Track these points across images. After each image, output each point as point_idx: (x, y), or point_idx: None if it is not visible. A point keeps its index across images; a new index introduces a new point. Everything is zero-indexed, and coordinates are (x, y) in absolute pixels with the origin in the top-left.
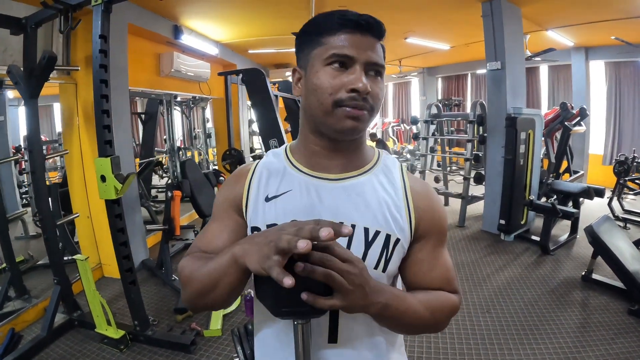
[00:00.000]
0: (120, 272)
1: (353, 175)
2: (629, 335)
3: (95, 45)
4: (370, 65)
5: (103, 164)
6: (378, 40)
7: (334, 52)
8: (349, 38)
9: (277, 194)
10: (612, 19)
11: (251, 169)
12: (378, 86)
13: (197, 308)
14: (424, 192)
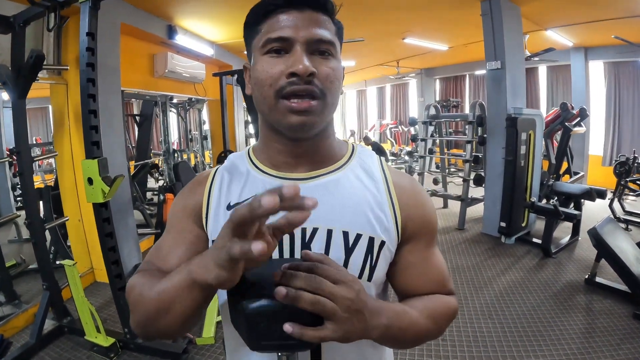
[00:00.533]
0: (109, 277)
1: (324, 172)
2: (635, 340)
3: (83, 43)
4: (313, 43)
5: (90, 166)
6: (322, 13)
7: (268, 36)
8: (283, 18)
9: (239, 201)
10: (613, 18)
11: (210, 174)
12: (329, 65)
13: (148, 335)
14: (410, 187)
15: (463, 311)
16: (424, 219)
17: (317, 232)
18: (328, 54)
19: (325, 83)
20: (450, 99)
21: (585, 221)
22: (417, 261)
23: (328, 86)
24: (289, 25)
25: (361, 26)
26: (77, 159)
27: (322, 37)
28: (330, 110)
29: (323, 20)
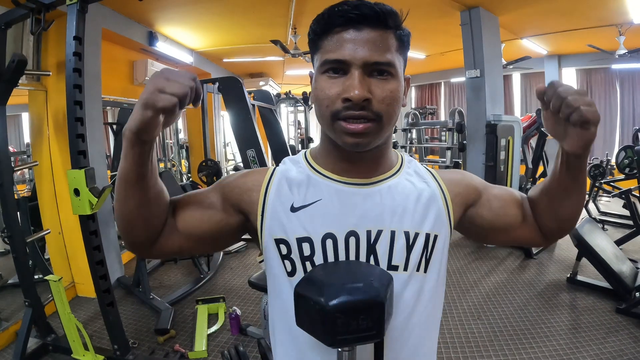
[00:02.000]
0: (97, 293)
1: (383, 178)
2: (619, 333)
3: (69, 47)
4: (370, 65)
5: (76, 176)
6: (383, 30)
7: (326, 58)
8: (342, 37)
9: (305, 204)
10: (586, 27)
11: (268, 175)
12: (387, 88)
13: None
14: (452, 173)
15: (452, 313)
16: (467, 185)
17: (382, 234)
18: (387, 74)
19: (381, 106)
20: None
21: None
22: (489, 207)
23: (384, 109)
24: (346, 47)
25: None
26: (57, 169)
27: (378, 60)
28: (387, 129)
29: (383, 38)
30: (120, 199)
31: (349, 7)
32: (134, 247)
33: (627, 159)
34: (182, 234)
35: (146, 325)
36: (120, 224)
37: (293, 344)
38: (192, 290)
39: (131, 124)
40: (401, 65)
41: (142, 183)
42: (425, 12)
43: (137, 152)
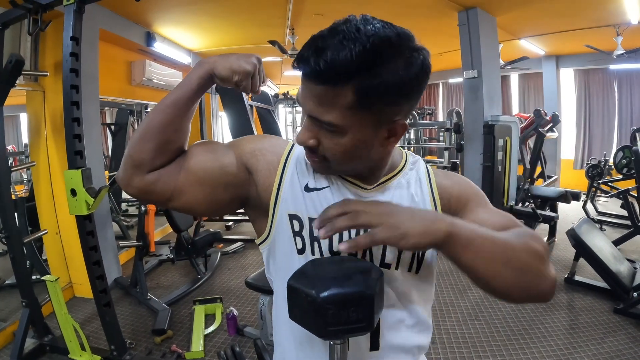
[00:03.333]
0: (94, 293)
1: (382, 181)
2: (617, 333)
3: (66, 48)
4: (313, 118)
5: (73, 176)
6: (331, 86)
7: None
8: (302, 80)
9: (317, 187)
10: (583, 27)
11: (288, 147)
12: (332, 141)
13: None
14: (444, 176)
15: (450, 314)
16: (460, 191)
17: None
18: (331, 131)
19: (329, 154)
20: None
21: (559, 223)
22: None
23: (333, 157)
24: (302, 94)
25: None
26: (54, 169)
27: (318, 117)
28: (354, 165)
29: (329, 94)
30: (155, 113)
31: (299, 54)
32: (133, 166)
33: (625, 159)
34: (185, 171)
35: (143, 325)
36: (136, 135)
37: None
38: (190, 291)
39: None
40: (360, 121)
41: (182, 108)
42: (422, 12)
43: (201, 84)
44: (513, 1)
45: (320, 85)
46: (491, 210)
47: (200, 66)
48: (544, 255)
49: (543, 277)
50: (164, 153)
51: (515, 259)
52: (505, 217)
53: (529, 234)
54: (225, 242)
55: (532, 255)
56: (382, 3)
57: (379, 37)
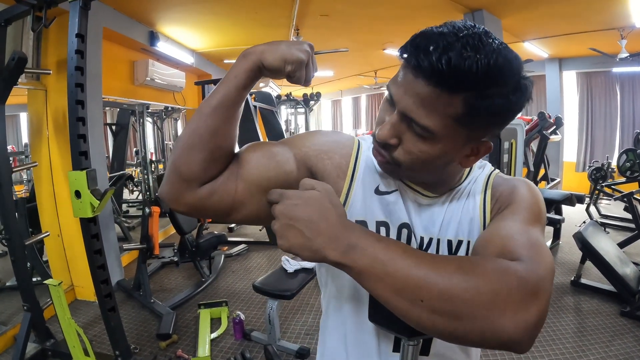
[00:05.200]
0: (99, 298)
1: (443, 193)
2: (624, 336)
3: (72, 45)
4: (407, 118)
5: (78, 177)
6: (442, 89)
7: (388, 84)
8: (404, 72)
9: (388, 190)
10: (587, 30)
11: (355, 146)
12: (417, 145)
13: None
14: (503, 179)
15: None
16: (507, 194)
17: (432, 242)
18: (421, 136)
19: (405, 157)
20: None
21: (563, 226)
22: (486, 232)
23: (408, 162)
24: (399, 86)
25: (343, 36)
26: (56, 170)
27: (414, 119)
28: (422, 174)
29: (436, 98)
30: (201, 117)
31: (415, 43)
32: (182, 181)
33: (628, 162)
34: (243, 181)
35: (147, 330)
36: (182, 145)
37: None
38: (194, 294)
39: (266, 56)
40: (455, 134)
41: (231, 109)
42: (428, 14)
43: (249, 77)
44: (519, 3)
45: (432, 86)
46: (517, 225)
47: (245, 57)
48: (504, 303)
49: (484, 328)
50: (217, 162)
51: (433, 300)
52: (514, 242)
53: (502, 271)
54: (229, 245)
55: (477, 301)
56: (388, 4)
57: (503, 57)
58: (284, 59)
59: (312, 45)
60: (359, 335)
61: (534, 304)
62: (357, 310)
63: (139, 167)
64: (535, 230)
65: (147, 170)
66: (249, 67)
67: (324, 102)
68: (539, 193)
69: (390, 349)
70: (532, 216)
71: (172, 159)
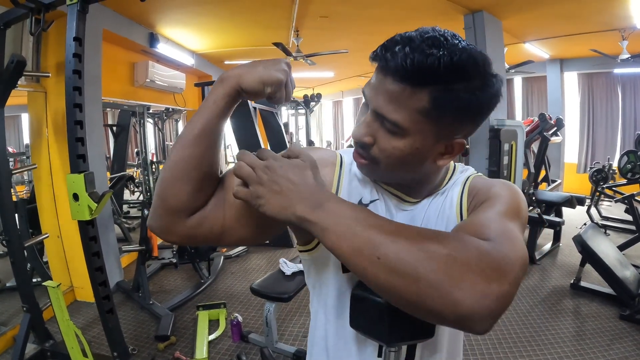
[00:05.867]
0: (96, 299)
1: (425, 198)
2: (624, 340)
3: (69, 48)
4: (378, 115)
5: (76, 180)
6: (408, 85)
7: (364, 87)
8: (375, 74)
9: (371, 199)
10: (588, 31)
11: (338, 160)
12: (390, 143)
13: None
14: (482, 178)
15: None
16: (484, 190)
17: None
18: (392, 132)
19: (381, 155)
20: None
21: (563, 228)
22: (462, 221)
23: (384, 160)
24: (371, 89)
25: (343, 37)
26: (55, 172)
27: (384, 115)
28: (400, 173)
29: (403, 94)
30: (183, 147)
31: (384, 46)
32: (170, 213)
33: (629, 164)
34: (230, 206)
35: (146, 331)
36: (167, 176)
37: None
38: (193, 296)
39: (243, 79)
40: (423, 128)
41: (212, 137)
42: (428, 15)
43: (228, 103)
44: (519, 5)
45: (398, 82)
46: (492, 215)
47: (222, 82)
48: (462, 272)
49: (441, 292)
50: (204, 191)
51: (391, 259)
52: (486, 228)
53: (464, 243)
54: (229, 246)
55: (433, 264)
56: (388, 6)
57: (467, 54)
58: (262, 82)
59: (289, 63)
60: (339, 342)
61: (495, 280)
62: (339, 317)
63: (140, 168)
64: (512, 224)
65: (147, 171)
66: (227, 92)
67: (325, 102)
68: (519, 192)
69: (370, 356)
70: (510, 210)
71: (157, 191)
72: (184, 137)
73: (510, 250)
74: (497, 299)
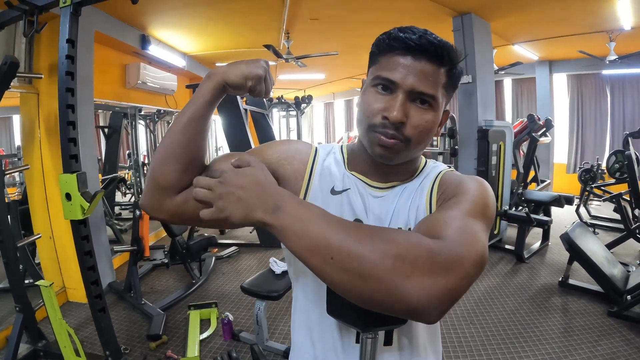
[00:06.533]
0: (89, 298)
1: (398, 184)
2: (611, 336)
3: (62, 50)
4: (415, 93)
5: (68, 180)
6: (437, 65)
7: (379, 74)
8: (398, 60)
9: (342, 189)
10: (577, 33)
11: (313, 151)
12: (423, 117)
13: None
14: (454, 174)
15: (444, 319)
16: (453, 186)
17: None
18: (428, 105)
19: (414, 132)
20: None
21: (552, 227)
22: (426, 216)
23: (416, 136)
24: (400, 70)
25: (333, 40)
26: (47, 172)
27: (422, 90)
28: (415, 151)
29: (435, 72)
30: (174, 132)
31: (414, 35)
32: (160, 190)
33: (617, 164)
34: None
35: (138, 330)
36: (159, 157)
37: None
38: (184, 296)
39: (228, 75)
40: (444, 100)
41: (199, 124)
42: (417, 17)
43: (214, 95)
44: (508, 7)
45: (428, 62)
46: (454, 213)
47: (210, 78)
48: (410, 269)
49: (389, 289)
50: (189, 172)
51: (342, 258)
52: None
53: (413, 242)
54: (220, 247)
55: (384, 263)
56: (377, 9)
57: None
58: (244, 76)
59: (268, 61)
60: (323, 329)
61: (442, 276)
62: (320, 306)
63: (131, 170)
64: (474, 222)
65: (139, 172)
66: (214, 86)
67: (317, 104)
68: (489, 190)
69: (352, 342)
70: (475, 208)
71: (150, 171)
72: (174, 124)
73: (463, 248)
74: (443, 293)
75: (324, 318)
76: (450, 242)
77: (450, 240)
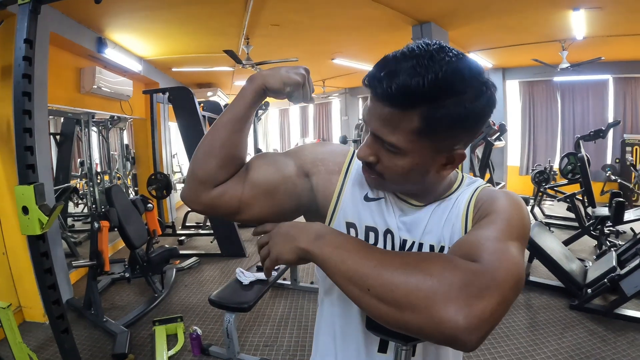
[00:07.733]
0: (50, 320)
1: (431, 202)
2: (575, 328)
3: (19, 51)
4: (376, 137)
5: (25, 192)
6: (398, 109)
7: (363, 108)
8: (369, 98)
9: (376, 197)
10: (530, 42)
11: (348, 156)
12: (392, 161)
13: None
14: (489, 191)
15: None
16: (487, 204)
17: (414, 245)
18: (395, 149)
19: (387, 172)
20: None
21: None
22: (462, 237)
23: (391, 176)
24: (368, 112)
25: (292, 46)
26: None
27: (382, 137)
28: (409, 185)
29: (395, 117)
30: (215, 130)
31: (371, 73)
32: (199, 183)
33: (570, 165)
34: (249, 184)
35: (101, 350)
36: (200, 153)
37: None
38: (147, 311)
39: (268, 80)
40: (421, 146)
41: (240, 123)
42: (378, 26)
43: (255, 98)
44: (466, 16)
45: (388, 107)
46: (489, 233)
47: (252, 81)
48: (445, 296)
49: (429, 316)
50: (228, 167)
51: (378, 290)
52: (480, 247)
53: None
54: (181, 258)
55: (419, 293)
56: (338, 16)
57: (452, 69)
58: (283, 82)
59: (308, 68)
60: (347, 334)
61: (480, 301)
62: (346, 311)
63: (84, 179)
64: (508, 243)
65: (92, 182)
66: (255, 89)
67: (272, 111)
68: (523, 207)
69: (375, 349)
70: (510, 229)
71: (191, 165)
72: (217, 123)
73: (500, 271)
74: (483, 318)
75: (349, 324)
76: (487, 265)
77: (487, 263)
